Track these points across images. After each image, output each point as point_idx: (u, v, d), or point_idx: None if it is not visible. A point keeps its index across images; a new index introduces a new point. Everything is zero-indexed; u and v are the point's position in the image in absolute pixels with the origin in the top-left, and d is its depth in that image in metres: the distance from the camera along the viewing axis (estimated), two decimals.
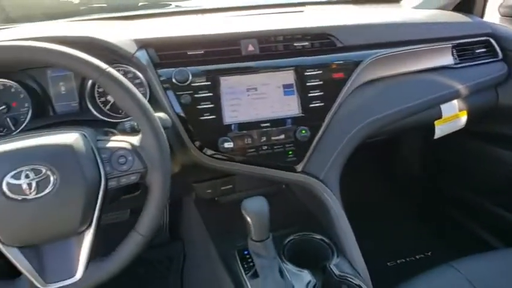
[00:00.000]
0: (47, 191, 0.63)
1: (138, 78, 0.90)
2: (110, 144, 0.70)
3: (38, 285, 0.67)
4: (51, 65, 0.65)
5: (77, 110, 0.93)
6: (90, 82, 0.91)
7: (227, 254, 0.93)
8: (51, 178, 0.64)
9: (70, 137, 0.67)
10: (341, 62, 0.98)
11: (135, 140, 0.71)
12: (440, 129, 1.20)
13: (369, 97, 1.03)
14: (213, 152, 0.91)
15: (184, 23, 1.10)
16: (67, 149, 0.66)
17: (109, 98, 0.93)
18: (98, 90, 0.93)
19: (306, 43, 0.98)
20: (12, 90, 0.89)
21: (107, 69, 0.67)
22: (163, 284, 1.47)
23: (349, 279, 0.83)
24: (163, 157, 0.70)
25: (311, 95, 0.95)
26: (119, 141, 0.71)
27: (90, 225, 0.69)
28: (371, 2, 1.47)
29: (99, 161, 0.68)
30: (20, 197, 0.63)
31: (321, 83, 0.96)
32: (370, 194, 1.76)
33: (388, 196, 1.83)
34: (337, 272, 0.85)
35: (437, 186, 1.74)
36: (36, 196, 0.63)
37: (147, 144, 0.70)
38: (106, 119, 0.91)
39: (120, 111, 0.94)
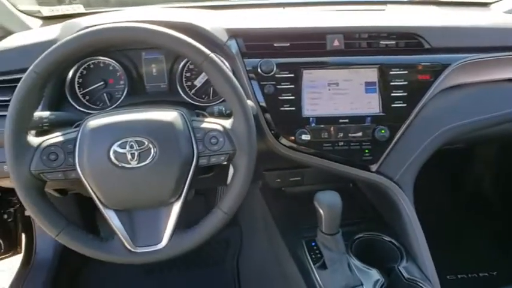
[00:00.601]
0: (147, 161, 0.69)
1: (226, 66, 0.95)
2: (204, 125, 0.75)
3: (128, 247, 0.73)
4: (161, 47, 0.71)
5: (165, 91, 1.00)
6: (180, 66, 0.97)
7: (294, 244, 0.95)
8: (152, 150, 0.69)
9: (170, 115, 0.72)
10: (428, 63, 0.96)
11: (227, 123, 0.75)
12: None
13: (454, 102, 1.00)
14: (290, 143, 0.93)
15: (269, 15, 1.12)
16: (168, 125, 0.71)
17: (195, 82, 0.99)
18: (185, 75, 0.99)
19: (392, 42, 0.97)
20: (111, 68, 0.97)
21: (210, 55, 0.71)
22: (219, 266, 1.53)
23: (419, 283, 0.81)
24: (251, 141, 0.73)
25: (394, 94, 0.94)
26: (212, 123, 0.75)
27: (179, 197, 0.74)
28: (457, 5, 1.41)
29: (193, 139, 0.73)
30: (123, 165, 0.69)
31: (405, 83, 0.94)
32: (436, 202, 1.69)
33: (455, 207, 1.75)
34: (406, 275, 0.84)
35: (510, 203, 1.64)
36: (137, 165, 0.69)
37: (238, 128, 0.73)
38: (192, 102, 0.97)
39: (203, 96, 0.99)
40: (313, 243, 0.93)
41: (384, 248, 0.94)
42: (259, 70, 0.91)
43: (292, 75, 0.93)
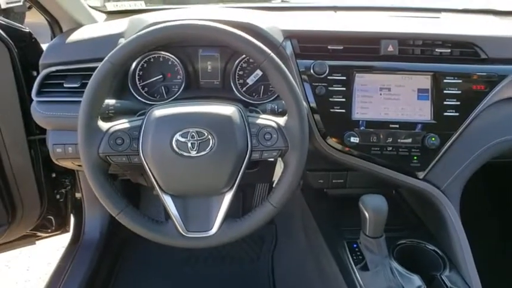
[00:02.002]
0: (205, 151, 0.73)
1: None
2: (259, 121, 0.78)
3: (180, 231, 0.78)
4: (225, 45, 0.74)
5: (218, 87, 1.04)
6: (234, 64, 1.01)
7: (336, 245, 0.97)
8: (211, 142, 0.73)
9: (229, 109, 0.76)
10: (484, 73, 0.94)
11: (281, 120, 0.77)
12: None
13: (508, 115, 0.98)
14: (338, 144, 0.94)
15: (322, 18, 1.14)
16: (226, 119, 0.75)
17: (248, 80, 1.02)
18: (238, 73, 1.03)
19: (447, 50, 0.96)
20: (170, 62, 1.02)
21: (271, 55, 0.74)
22: (253, 262, 1.56)
23: None
24: (303, 139, 0.76)
25: (446, 103, 0.93)
26: (266, 120, 0.78)
27: (231, 187, 0.77)
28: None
29: (248, 133, 0.76)
30: (183, 153, 0.73)
31: (459, 92, 0.93)
32: (479, 216, 1.64)
33: (498, 224, 1.69)
34: (449, 284, 0.83)
35: None
36: (197, 155, 0.73)
37: (292, 125, 0.76)
38: (243, 98, 1.01)
39: (254, 94, 1.03)
40: (354, 245, 0.94)
41: (426, 256, 0.93)
42: (311, 71, 0.94)
43: (344, 77, 0.94)
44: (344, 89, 0.94)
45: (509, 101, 0.98)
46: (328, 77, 0.94)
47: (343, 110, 0.94)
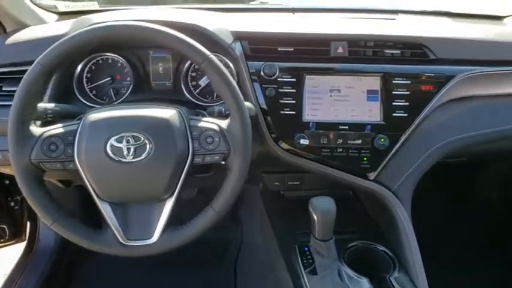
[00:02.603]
0: (142, 157, 0.71)
1: (229, 67, 0.96)
2: (201, 124, 0.76)
3: (120, 239, 0.75)
4: (164, 46, 0.73)
5: (170, 89, 1.02)
6: (186, 66, 0.99)
7: (287, 247, 0.96)
8: (148, 146, 0.71)
9: (168, 112, 0.74)
10: (432, 74, 0.95)
11: (223, 123, 0.76)
12: None
13: (457, 115, 0.99)
14: (288, 147, 0.93)
15: (277, 20, 1.13)
16: (164, 122, 0.73)
17: (200, 82, 1.01)
18: (191, 75, 1.01)
19: (397, 51, 0.97)
20: (119, 64, 1.00)
21: (210, 56, 0.72)
22: (217, 265, 1.54)
23: None
24: (246, 142, 0.74)
25: (396, 103, 0.94)
26: (208, 123, 0.76)
27: (172, 194, 0.75)
28: (470, 17, 1.39)
29: (189, 137, 0.74)
30: (119, 159, 0.71)
31: (407, 93, 0.94)
32: (436, 216, 1.66)
33: (457, 223, 1.72)
34: (396, 286, 0.83)
35: None
36: (133, 160, 0.71)
37: (234, 128, 0.74)
38: (195, 101, 0.99)
39: (207, 96, 1.01)
40: (306, 249, 0.93)
41: (377, 257, 0.93)
42: (262, 73, 0.92)
43: (294, 79, 0.93)
44: (294, 90, 0.93)
45: (457, 101, 0.99)
46: (278, 79, 0.93)
47: (293, 112, 0.93)
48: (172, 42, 0.72)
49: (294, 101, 0.93)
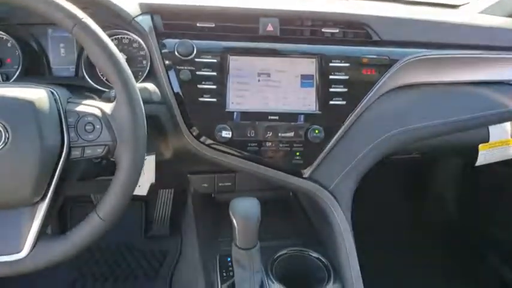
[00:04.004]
0: None
1: (143, 49, 0.82)
2: (79, 108, 0.60)
3: None
4: (30, 9, 0.57)
5: (73, 75, 0.86)
6: None
7: (208, 259, 0.81)
8: (3, 135, 0.55)
9: (35, 93, 0.58)
10: (374, 56, 0.83)
11: (107, 107, 0.61)
12: (484, 155, 1.01)
13: (402, 104, 0.88)
14: (208, 140, 0.79)
15: None
16: (27, 105, 0.57)
17: None
18: None
19: (336, 30, 0.84)
20: (9, 45, 0.84)
21: (84, 19, 0.57)
22: (152, 278, 1.38)
23: None
24: (136, 132, 0.59)
25: (333, 90, 0.81)
26: (89, 106, 0.61)
27: (44, 197, 0.60)
28: (424, 4, 1.30)
29: (63, 125, 0.59)
30: None
31: (346, 77, 0.82)
32: (387, 217, 1.56)
33: (409, 223, 1.63)
34: None
35: (469, 221, 1.52)
36: None
37: (120, 114, 0.59)
38: (102, 88, 0.83)
39: None
40: (228, 259, 0.79)
41: (310, 266, 0.80)
42: (176, 52, 0.78)
43: (214, 60, 0.79)
44: (215, 74, 0.79)
45: (403, 89, 0.88)
46: (196, 59, 0.79)
47: (215, 99, 0.79)
48: (35, 3, 0.57)
49: (214, 86, 0.79)
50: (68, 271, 1.37)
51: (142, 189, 0.81)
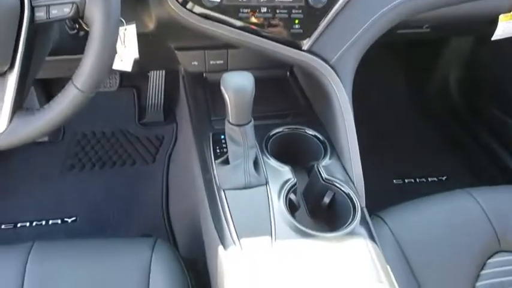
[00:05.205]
0: None
1: None
2: None
3: None
4: None
5: None
6: None
7: (202, 137, 0.79)
8: None
9: None
10: None
11: None
12: (503, 28, 0.92)
13: None
14: (195, 7, 0.70)
15: None
16: None
17: None
18: None
19: None
20: None
21: None
22: (150, 162, 1.40)
23: (337, 184, 0.67)
24: None
25: None
26: None
27: (12, 66, 0.54)
28: None
29: None
30: None
31: None
32: (387, 99, 1.53)
33: (409, 106, 1.61)
34: (325, 174, 0.69)
35: (470, 104, 1.49)
36: None
37: None
38: None
39: None
40: (222, 137, 0.76)
41: (306, 143, 0.78)
42: None
43: None
44: None
45: None
46: None
47: None
48: None
49: None
50: (65, 158, 1.39)
51: (126, 64, 0.75)
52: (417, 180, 1.40)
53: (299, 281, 0.53)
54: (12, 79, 0.55)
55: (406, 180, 1.40)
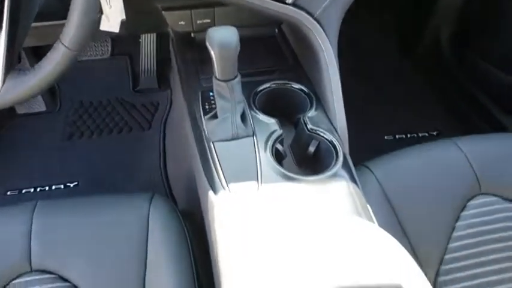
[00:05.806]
0: None
1: None
2: None
3: None
4: None
5: None
6: None
7: (191, 96, 0.81)
8: None
9: None
10: None
11: None
12: None
13: None
14: None
15: None
16: None
17: None
18: None
19: None
20: None
21: None
22: (146, 128, 1.43)
23: (321, 133, 0.70)
24: None
25: None
26: None
27: None
28: None
29: None
30: None
31: None
32: (376, 50, 1.53)
33: (401, 65, 1.61)
34: (310, 125, 0.72)
35: (461, 59, 1.49)
36: None
37: None
38: None
39: None
40: (210, 94, 0.79)
41: (292, 97, 0.80)
42: None
43: None
44: None
45: None
46: None
47: None
48: None
49: None
50: (63, 126, 1.42)
51: (112, 24, 0.75)
52: (408, 135, 1.43)
53: (282, 218, 0.57)
54: (1, 42, 0.56)
55: (397, 136, 1.43)
